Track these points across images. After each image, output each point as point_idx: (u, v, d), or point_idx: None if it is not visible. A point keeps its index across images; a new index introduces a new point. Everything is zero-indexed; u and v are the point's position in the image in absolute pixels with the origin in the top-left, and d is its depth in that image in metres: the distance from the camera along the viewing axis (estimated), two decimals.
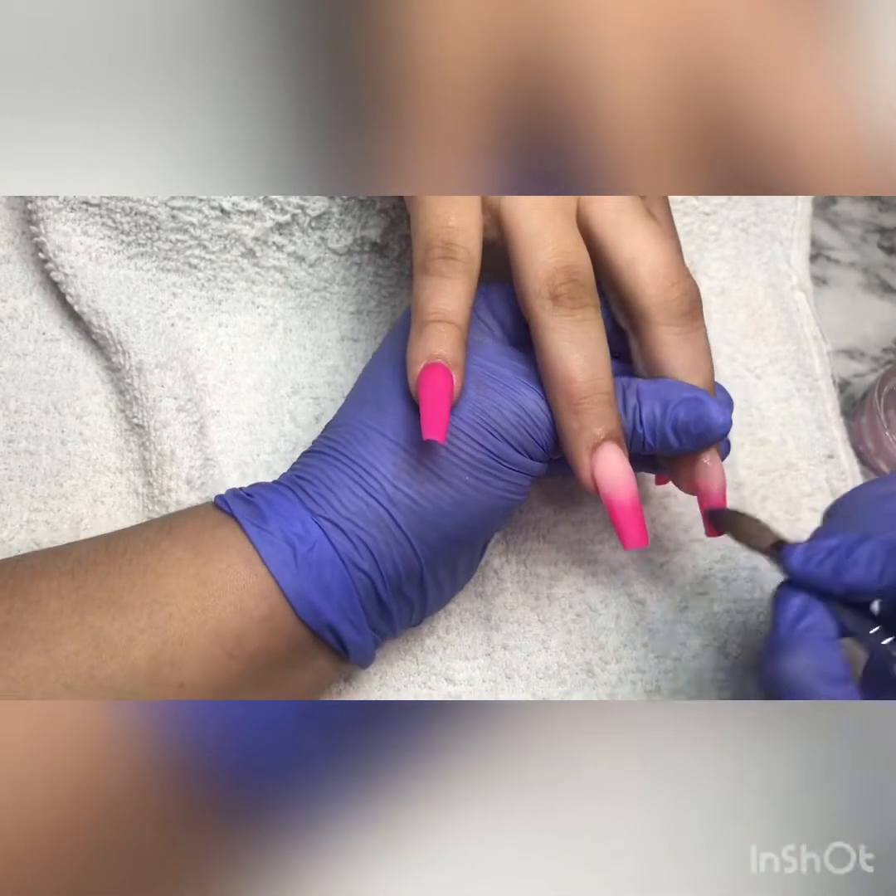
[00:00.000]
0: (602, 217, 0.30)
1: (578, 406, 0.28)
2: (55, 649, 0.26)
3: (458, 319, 0.28)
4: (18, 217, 0.40)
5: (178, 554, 0.29)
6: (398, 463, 0.29)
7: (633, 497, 0.29)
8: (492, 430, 0.29)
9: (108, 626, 0.27)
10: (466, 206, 0.30)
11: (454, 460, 0.29)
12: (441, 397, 0.27)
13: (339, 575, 0.29)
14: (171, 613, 0.27)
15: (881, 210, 0.50)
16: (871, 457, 0.42)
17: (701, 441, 0.30)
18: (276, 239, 0.39)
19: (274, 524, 0.29)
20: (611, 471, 0.29)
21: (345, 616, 0.29)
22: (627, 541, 0.29)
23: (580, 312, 0.29)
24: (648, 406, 0.30)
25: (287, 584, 0.28)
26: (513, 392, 0.30)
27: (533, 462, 0.30)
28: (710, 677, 0.37)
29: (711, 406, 0.29)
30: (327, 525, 0.29)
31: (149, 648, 0.27)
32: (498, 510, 0.30)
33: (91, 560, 0.29)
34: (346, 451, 0.30)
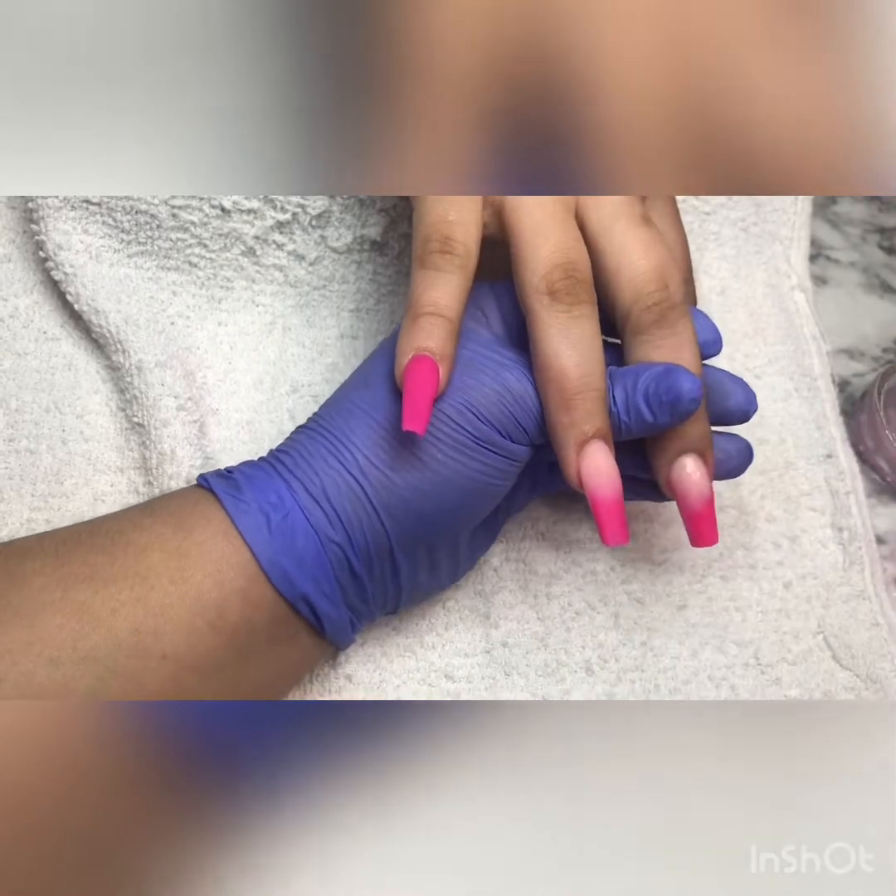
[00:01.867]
0: (597, 223, 0.30)
1: (570, 402, 0.29)
2: (39, 623, 0.26)
3: (450, 313, 0.29)
4: (19, 216, 0.40)
5: (159, 529, 0.29)
6: (373, 437, 0.29)
7: (616, 494, 0.29)
8: (473, 409, 0.29)
9: (90, 599, 0.27)
10: (467, 202, 0.30)
11: (430, 438, 0.29)
12: (424, 390, 0.28)
13: (311, 544, 0.29)
14: (152, 585, 0.28)
15: (881, 210, 0.50)
16: (870, 455, 0.42)
17: (674, 411, 0.29)
18: (277, 237, 0.39)
19: (249, 495, 0.29)
20: (596, 467, 0.29)
21: (318, 587, 0.29)
22: (608, 536, 0.29)
23: (577, 309, 0.29)
24: (620, 383, 0.30)
25: (260, 551, 0.29)
26: (496, 371, 0.30)
27: (515, 445, 0.30)
28: (709, 676, 0.37)
29: (681, 374, 0.29)
30: (301, 495, 0.29)
31: (131, 620, 0.27)
32: (477, 494, 0.30)
33: (74, 540, 0.29)
34: (327, 424, 0.31)
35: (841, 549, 0.40)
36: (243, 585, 0.29)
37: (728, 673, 0.37)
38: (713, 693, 0.36)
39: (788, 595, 0.39)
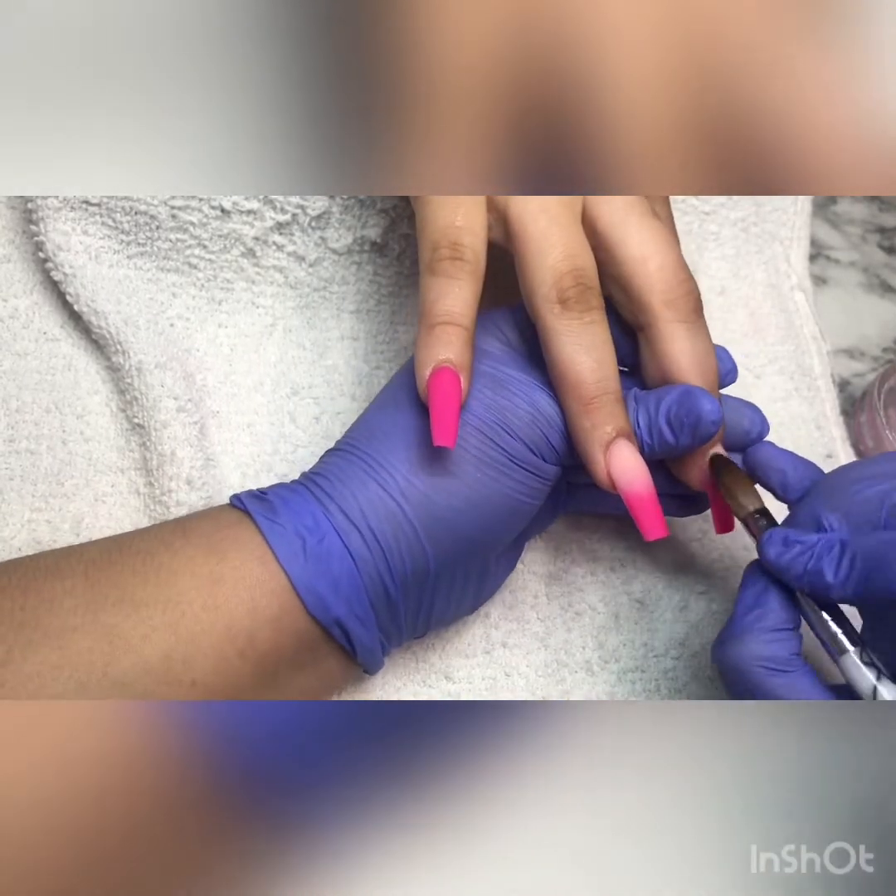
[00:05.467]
0: (610, 217, 0.31)
1: (590, 406, 0.29)
2: (69, 646, 0.26)
3: (465, 321, 0.29)
4: (19, 216, 0.40)
5: (191, 552, 0.29)
6: (412, 458, 0.29)
7: (650, 489, 0.29)
8: (507, 428, 0.30)
9: (121, 624, 0.27)
10: (473, 206, 0.30)
11: (468, 457, 0.29)
12: (450, 403, 0.28)
13: (347, 568, 0.29)
14: (183, 611, 0.27)
15: (881, 210, 0.50)
16: (870, 455, 0.42)
17: (696, 433, 0.30)
18: (277, 238, 0.39)
19: (285, 518, 0.29)
20: (625, 465, 0.29)
21: (352, 611, 0.29)
22: (648, 532, 0.29)
23: (588, 315, 0.29)
24: (643, 405, 0.31)
25: (296, 576, 0.28)
26: (527, 393, 0.30)
27: (546, 464, 0.30)
28: (710, 676, 0.37)
29: (701, 396, 0.29)
30: (338, 518, 0.29)
31: (162, 646, 0.27)
32: (510, 511, 0.30)
33: (105, 560, 0.29)
34: (361, 446, 0.31)
35: None
36: (276, 614, 0.28)
37: None
38: (715, 694, 0.36)
39: None
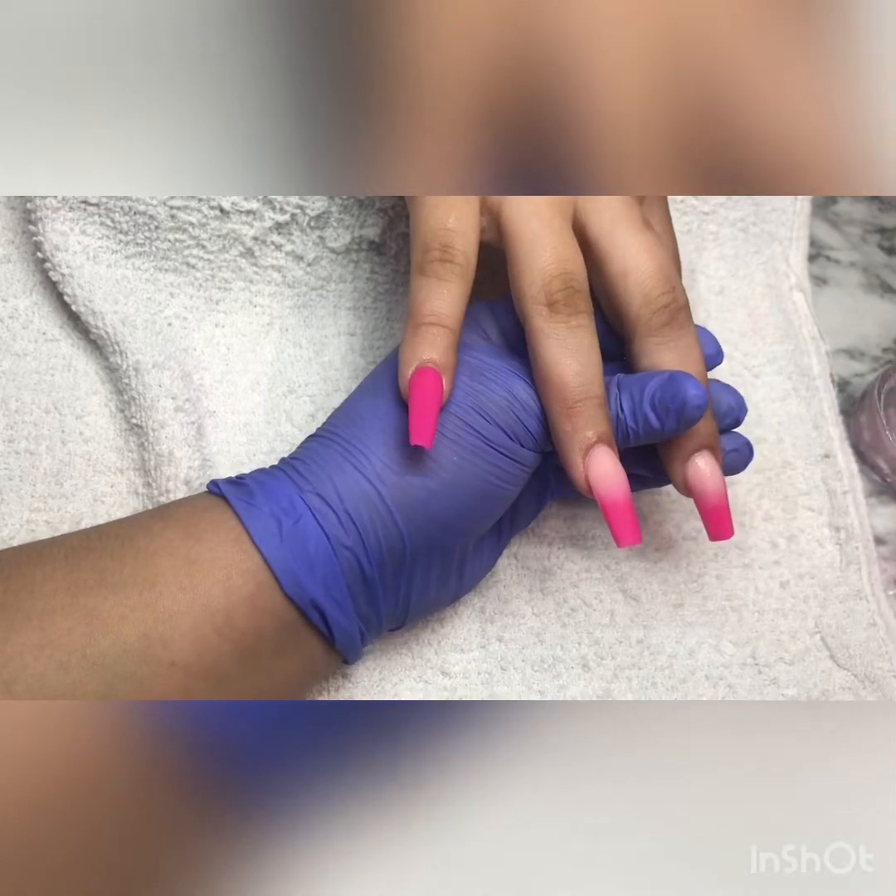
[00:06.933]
0: (598, 228, 0.31)
1: (572, 410, 0.29)
2: (49, 627, 0.26)
3: (451, 323, 0.29)
4: (18, 217, 0.40)
5: (169, 535, 0.29)
6: (388, 442, 0.30)
7: (626, 496, 0.30)
8: (483, 413, 0.30)
9: (100, 605, 0.27)
10: (466, 209, 0.30)
11: (444, 441, 0.30)
12: (430, 404, 0.28)
13: (322, 549, 0.29)
14: (160, 591, 0.28)
15: (881, 210, 0.50)
16: (870, 455, 0.42)
17: (681, 418, 0.30)
18: (275, 238, 0.39)
19: (261, 500, 0.29)
20: (603, 471, 0.30)
21: (329, 593, 0.29)
22: (621, 539, 0.30)
23: (575, 319, 0.29)
24: (627, 391, 0.31)
25: (272, 556, 0.29)
26: (504, 380, 0.31)
27: (524, 449, 0.31)
28: (706, 675, 0.37)
29: (686, 381, 0.30)
30: (313, 500, 0.29)
31: (140, 626, 0.27)
32: (486, 495, 0.31)
33: (84, 546, 0.29)
34: (339, 431, 0.31)
35: (838, 548, 0.40)
36: (252, 592, 0.28)
37: (725, 672, 0.37)
38: (710, 692, 0.36)
39: (785, 594, 0.39)
